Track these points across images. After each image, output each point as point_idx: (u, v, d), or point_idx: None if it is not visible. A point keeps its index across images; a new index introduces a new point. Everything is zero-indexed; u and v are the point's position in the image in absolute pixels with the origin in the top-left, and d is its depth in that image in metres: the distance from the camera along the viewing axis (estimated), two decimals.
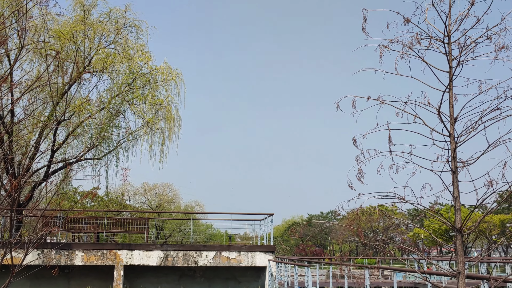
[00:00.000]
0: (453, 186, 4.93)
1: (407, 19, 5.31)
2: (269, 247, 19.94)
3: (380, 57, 5.41)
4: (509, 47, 5.07)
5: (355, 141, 4.99)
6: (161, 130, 24.95)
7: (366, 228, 47.30)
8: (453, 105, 5.11)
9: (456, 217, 4.87)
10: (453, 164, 4.97)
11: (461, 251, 4.75)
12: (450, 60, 5.18)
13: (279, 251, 54.19)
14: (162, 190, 49.19)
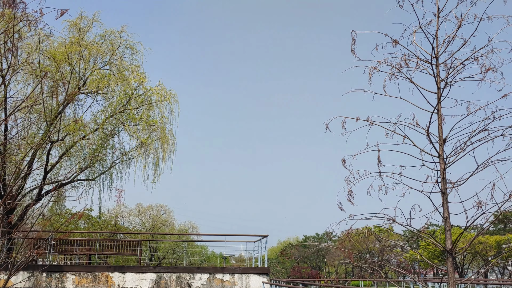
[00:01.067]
0: (443, 207, 4.91)
1: (395, 41, 5.36)
2: (263, 269, 19.71)
3: (369, 78, 5.44)
4: (496, 69, 5.12)
5: (344, 162, 4.98)
6: (155, 151, 24.90)
7: (362, 250, 46.98)
8: (441, 126, 5.13)
9: (446, 239, 4.83)
10: (442, 185, 4.96)
11: (451, 273, 4.70)
12: (438, 81, 5.22)
13: (275, 273, 53.59)
14: (156, 211, 48.82)
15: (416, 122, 5.03)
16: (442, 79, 5.24)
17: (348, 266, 51.60)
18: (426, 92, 5.30)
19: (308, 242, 50.66)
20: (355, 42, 5.39)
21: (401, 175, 5.18)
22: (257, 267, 20.07)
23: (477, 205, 4.52)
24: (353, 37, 5.39)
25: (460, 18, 5.09)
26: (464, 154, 5.00)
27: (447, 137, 5.21)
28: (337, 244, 51.66)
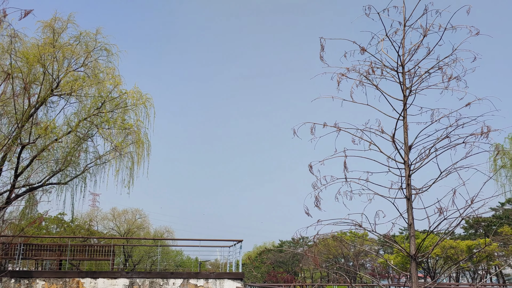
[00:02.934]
0: (408, 213, 4.98)
1: (363, 48, 5.44)
2: (237, 274, 19.66)
3: (337, 85, 5.50)
4: (460, 78, 5.24)
5: (311, 167, 5.01)
6: (130, 155, 24.62)
7: (337, 255, 47.28)
8: (407, 133, 5.22)
9: (410, 244, 4.90)
10: (407, 191, 5.04)
11: (415, 277, 4.76)
12: (404, 89, 5.31)
13: (250, 278, 53.47)
14: (131, 216, 48.17)
15: (381, 129, 5.10)
16: (408, 87, 5.34)
17: (324, 271, 51.89)
18: (393, 99, 5.39)
19: (284, 247, 50.78)
20: (323, 48, 5.44)
21: (367, 181, 5.24)
22: (231, 272, 20.01)
23: (438, 211, 4.60)
24: (321, 44, 5.45)
25: (425, 27, 5.19)
26: (428, 161, 5.09)
27: (412, 144, 5.30)
28: (315, 249, 51.91)
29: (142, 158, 24.47)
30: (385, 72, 5.44)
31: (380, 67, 5.38)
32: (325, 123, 5.16)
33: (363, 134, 5.41)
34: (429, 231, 4.76)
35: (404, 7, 5.42)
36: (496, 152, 4.76)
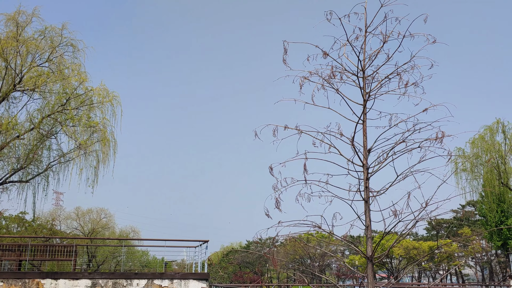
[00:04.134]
0: (365, 215, 5.09)
1: (325, 53, 5.53)
2: (202, 275, 19.56)
3: (300, 88, 5.57)
4: (418, 84, 5.40)
5: (271, 169, 5.05)
6: (96, 153, 24.17)
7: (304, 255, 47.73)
8: (366, 137, 5.33)
9: (367, 246, 5.02)
10: (365, 193, 5.15)
11: (371, 278, 4.88)
12: (363, 93, 5.43)
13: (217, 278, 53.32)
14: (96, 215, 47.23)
15: (340, 132, 5.20)
16: (367, 92, 5.46)
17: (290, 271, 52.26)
18: (353, 103, 5.50)
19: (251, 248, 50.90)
20: (286, 52, 5.50)
21: (327, 183, 5.33)
22: (196, 273, 19.90)
23: (393, 214, 4.72)
24: (285, 47, 5.51)
25: (385, 34, 5.32)
26: (385, 164, 5.22)
27: (371, 147, 5.42)
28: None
29: (107, 157, 24.06)
30: (346, 77, 5.55)
31: (341, 72, 5.48)
32: (286, 126, 5.22)
33: (324, 137, 5.50)
34: (385, 233, 4.87)
35: (365, 13, 5.54)
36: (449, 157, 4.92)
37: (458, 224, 53.29)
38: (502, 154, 31.54)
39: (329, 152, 5.34)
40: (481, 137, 32.64)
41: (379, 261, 45.89)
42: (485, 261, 49.14)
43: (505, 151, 31.59)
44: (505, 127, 32.08)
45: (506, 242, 36.56)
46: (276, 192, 5.16)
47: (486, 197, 34.17)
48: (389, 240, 26.42)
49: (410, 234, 57.27)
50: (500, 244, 36.96)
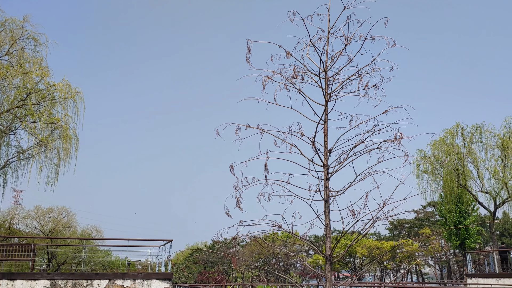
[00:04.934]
0: (325, 214, 5.14)
1: (288, 53, 5.55)
2: (166, 275, 19.35)
3: (263, 87, 5.57)
4: (378, 86, 5.49)
5: (232, 168, 5.03)
6: (57, 150, 23.55)
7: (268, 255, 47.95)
8: (327, 137, 5.39)
9: (326, 245, 5.06)
10: (325, 193, 5.20)
11: (329, 277, 4.93)
12: (325, 94, 5.48)
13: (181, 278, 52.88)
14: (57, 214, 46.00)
15: (301, 132, 5.23)
16: (329, 93, 5.51)
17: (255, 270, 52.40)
18: (315, 103, 5.55)
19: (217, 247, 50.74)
20: (250, 51, 5.49)
21: (288, 183, 5.35)
22: (160, 273, 19.66)
23: (351, 213, 4.79)
24: (248, 46, 5.50)
25: (347, 36, 5.39)
26: (345, 165, 5.28)
27: (332, 148, 5.48)
28: (248, 249, 52.24)
29: (69, 154, 23.48)
30: (308, 77, 5.59)
31: (304, 72, 5.51)
32: (248, 125, 5.21)
33: (286, 137, 5.52)
34: (343, 233, 4.93)
35: (328, 15, 5.59)
36: (406, 158, 5.03)
37: (419, 224, 54.71)
38: (461, 157, 32.58)
39: (290, 152, 5.36)
40: (441, 139, 33.64)
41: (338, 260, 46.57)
42: (443, 260, 50.65)
43: (463, 154, 32.65)
44: (464, 130, 33.16)
45: (463, 242, 37.80)
46: (237, 191, 5.14)
47: (446, 198, 35.23)
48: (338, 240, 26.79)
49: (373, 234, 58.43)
50: (458, 244, 38.18)
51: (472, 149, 32.69)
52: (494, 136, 32.37)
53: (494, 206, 32.15)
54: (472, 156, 32.69)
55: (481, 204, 33.00)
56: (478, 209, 39.78)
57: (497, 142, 32.16)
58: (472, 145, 32.77)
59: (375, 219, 4.96)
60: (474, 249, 37.43)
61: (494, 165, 32.04)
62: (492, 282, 24.84)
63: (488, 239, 46.28)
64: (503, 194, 31.83)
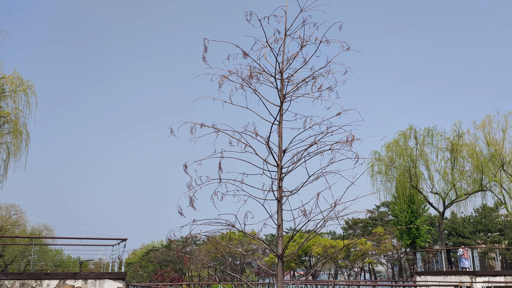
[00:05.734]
0: (278, 214, 5.20)
1: (245, 53, 5.57)
2: (119, 274, 18.98)
3: (219, 87, 5.57)
4: (332, 88, 5.61)
5: (186, 167, 5.01)
6: (6, 145, 22.64)
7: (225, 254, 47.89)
8: (282, 137, 5.45)
9: (278, 244, 5.12)
10: (278, 193, 5.26)
11: (281, 276, 4.99)
12: (280, 95, 5.54)
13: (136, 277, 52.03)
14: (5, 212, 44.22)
15: (256, 132, 5.27)
16: (284, 94, 5.57)
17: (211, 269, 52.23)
18: (270, 104, 5.60)
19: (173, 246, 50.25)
20: (207, 49, 5.47)
21: (242, 183, 5.37)
22: (113, 272, 19.26)
23: (302, 213, 4.86)
24: (205, 45, 5.48)
25: (303, 38, 5.47)
26: (298, 165, 5.36)
27: (286, 148, 5.55)
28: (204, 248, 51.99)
29: (19, 150, 22.64)
30: (265, 78, 5.63)
31: (260, 73, 5.55)
32: (202, 124, 5.20)
33: (241, 136, 5.54)
34: (294, 232, 5.00)
35: (285, 17, 5.66)
36: (356, 160, 5.17)
37: (373, 224, 56.15)
38: (413, 159, 33.68)
39: (245, 151, 5.39)
40: (395, 141, 34.65)
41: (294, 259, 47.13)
42: (395, 258, 52.20)
43: (416, 156, 33.76)
44: (417, 133, 34.30)
45: (414, 241, 39.07)
46: (190, 190, 5.12)
47: (398, 199, 36.28)
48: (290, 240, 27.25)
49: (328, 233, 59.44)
50: (409, 243, 39.44)
51: (424, 151, 33.84)
52: (445, 139, 33.65)
53: (443, 206, 33.43)
54: (423, 158, 33.84)
55: (431, 204, 34.24)
56: (429, 209, 41.24)
57: (447, 145, 33.45)
58: (424, 147, 33.93)
59: (326, 219, 5.06)
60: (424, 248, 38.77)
61: (444, 167, 33.32)
62: (440, 279, 25.85)
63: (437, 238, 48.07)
64: (452, 195, 33.15)
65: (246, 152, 5.46)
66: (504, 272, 25.07)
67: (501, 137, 33.13)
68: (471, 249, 26.37)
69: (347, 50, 5.45)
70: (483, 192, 32.91)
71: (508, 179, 32.63)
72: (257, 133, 5.25)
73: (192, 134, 5.53)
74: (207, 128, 5.58)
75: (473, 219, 50.71)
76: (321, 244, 45.92)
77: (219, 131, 5.47)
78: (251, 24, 5.37)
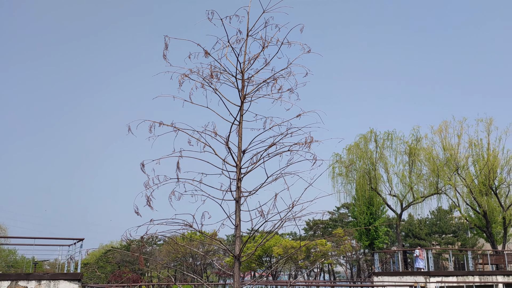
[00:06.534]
0: (236, 214, 5.19)
1: (207, 52, 5.54)
2: (75, 275, 18.49)
3: (179, 85, 5.50)
4: (293, 90, 5.65)
5: (143, 166, 4.92)
6: None
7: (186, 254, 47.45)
8: (241, 138, 5.44)
9: (236, 245, 5.11)
10: (237, 193, 5.25)
11: (237, 276, 4.98)
12: (241, 95, 5.54)
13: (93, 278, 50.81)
14: None
15: (215, 132, 5.24)
16: (245, 94, 5.57)
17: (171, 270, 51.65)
18: (231, 104, 5.58)
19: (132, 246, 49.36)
20: (167, 47, 5.40)
21: (201, 182, 5.33)
22: (68, 273, 18.76)
23: (260, 214, 4.87)
24: (166, 42, 5.41)
25: (265, 39, 5.48)
26: (256, 166, 5.37)
27: (246, 148, 5.54)
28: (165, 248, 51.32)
29: None
30: (226, 78, 5.61)
31: (221, 72, 5.53)
32: (161, 122, 5.13)
33: (201, 136, 5.50)
34: (252, 233, 5.01)
35: (248, 17, 5.65)
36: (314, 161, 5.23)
37: (333, 225, 57.01)
38: (373, 161, 34.43)
39: (204, 151, 5.35)
40: (356, 144, 35.34)
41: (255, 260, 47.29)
42: (354, 259, 53.17)
43: (375, 159, 34.52)
44: (377, 136, 35.10)
45: (372, 242, 39.93)
46: (147, 190, 5.03)
47: (358, 200, 37.00)
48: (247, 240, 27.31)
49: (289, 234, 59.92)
50: (368, 244, 40.27)
51: (383, 155, 34.66)
52: (403, 143, 34.59)
53: (401, 208, 34.32)
54: (383, 161, 34.65)
55: (389, 206, 35.09)
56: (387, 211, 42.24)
57: (405, 149, 34.38)
58: (383, 150, 34.75)
59: (284, 220, 5.08)
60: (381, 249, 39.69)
61: (402, 170, 34.22)
62: (396, 279, 26.51)
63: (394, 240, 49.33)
64: (409, 197, 34.09)
65: (206, 152, 5.42)
66: (456, 272, 25.98)
67: (456, 142, 34.39)
68: (426, 250, 27.19)
69: (308, 53, 5.51)
70: (439, 195, 34.03)
71: (462, 182, 33.86)
72: (217, 133, 5.23)
73: (150, 133, 5.44)
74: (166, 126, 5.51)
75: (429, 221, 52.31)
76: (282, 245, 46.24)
77: (179, 130, 5.41)
78: (213, 23, 5.34)
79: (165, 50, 5.41)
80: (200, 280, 5.46)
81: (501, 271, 27.83)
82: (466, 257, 28.89)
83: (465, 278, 25.61)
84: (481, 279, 26.21)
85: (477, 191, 33.37)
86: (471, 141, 34.60)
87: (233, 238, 58.64)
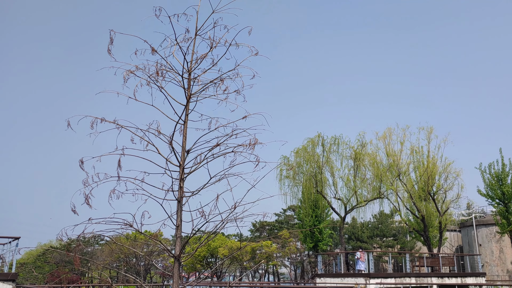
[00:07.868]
0: (177, 214, 5.13)
1: (153, 49, 5.45)
2: (9, 275, 17.64)
3: (124, 81, 5.38)
4: (240, 92, 5.67)
5: (82, 163, 4.77)
6: None
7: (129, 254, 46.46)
8: (186, 137, 5.40)
9: (176, 245, 5.06)
10: (179, 193, 5.20)
11: (176, 277, 4.93)
12: (188, 95, 5.50)
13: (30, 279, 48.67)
14: None
15: (159, 130, 5.17)
16: (191, 94, 5.54)
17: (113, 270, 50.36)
18: (176, 103, 5.52)
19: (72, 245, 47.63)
20: (112, 42, 5.27)
21: (143, 181, 5.24)
22: (2, 273, 17.87)
23: (201, 215, 4.86)
24: (111, 37, 5.28)
25: (212, 39, 5.47)
26: (200, 166, 5.35)
27: (190, 148, 5.50)
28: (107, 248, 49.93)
29: None
30: (172, 76, 5.55)
31: (167, 70, 5.46)
32: (103, 118, 5.00)
33: (144, 134, 5.40)
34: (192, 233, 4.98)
35: (197, 17, 5.62)
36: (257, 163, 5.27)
37: (279, 227, 57.63)
38: (319, 165, 35.11)
39: (147, 150, 5.26)
40: (304, 148, 35.92)
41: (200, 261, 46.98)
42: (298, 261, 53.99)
43: (322, 162, 35.23)
44: (324, 141, 35.83)
45: (317, 244, 40.74)
46: (86, 188, 4.89)
47: (304, 203, 37.61)
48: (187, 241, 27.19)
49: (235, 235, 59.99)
50: (312, 246, 41.04)
51: (330, 159, 35.41)
52: (349, 148, 35.52)
53: (345, 211, 35.21)
54: (329, 165, 35.40)
55: (334, 209, 35.89)
56: (331, 214, 43.22)
57: (351, 154, 35.32)
58: (330, 154, 35.52)
59: (225, 221, 5.09)
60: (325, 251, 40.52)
61: (347, 174, 35.13)
62: (338, 281, 27.18)
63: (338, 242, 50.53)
64: (353, 201, 35.03)
65: (149, 150, 5.33)
66: (395, 274, 26.97)
67: (399, 148, 35.76)
68: (367, 253, 28.06)
69: (255, 55, 5.55)
70: (381, 199, 35.21)
71: (403, 188, 35.23)
72: (160, 132, 5.16)
73: (92, 129, 5.29)
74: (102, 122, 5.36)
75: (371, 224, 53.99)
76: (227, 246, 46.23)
77: (122, 127, 5.29)
78: (160, 20, 5.28)
79: (110, 44, 5.27)
80: (139, 281, 5.35)
81: (435, 273, 29.18)
82: (404, 260, 30.08)
83: (403, 280, 26.65)
84: (417, 280, 27.36)
85: (416, 196, 34.83)
86: (413, 148, 36.11)
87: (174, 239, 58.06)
